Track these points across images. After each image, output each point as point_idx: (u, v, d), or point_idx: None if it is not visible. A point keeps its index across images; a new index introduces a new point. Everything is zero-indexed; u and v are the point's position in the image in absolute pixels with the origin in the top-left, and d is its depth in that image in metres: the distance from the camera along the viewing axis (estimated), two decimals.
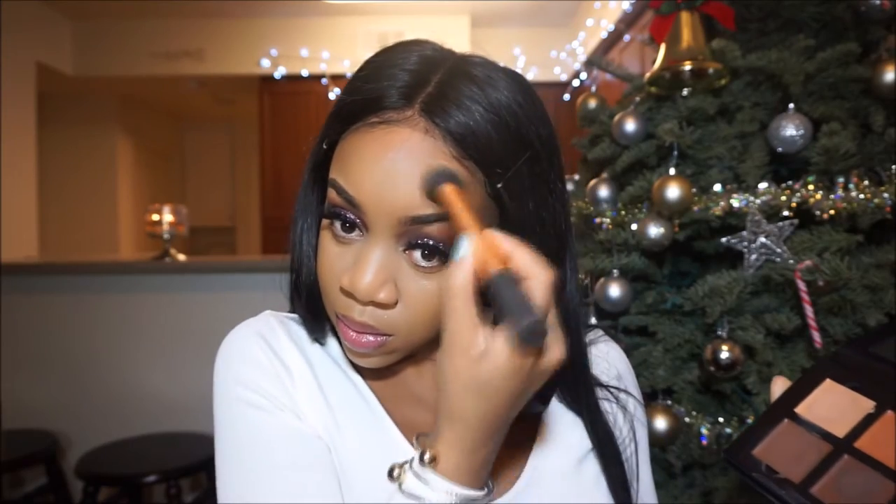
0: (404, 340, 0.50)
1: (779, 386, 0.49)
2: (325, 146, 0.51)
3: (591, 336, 0.65)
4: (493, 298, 0.37)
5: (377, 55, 0.51)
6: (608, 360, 0.64)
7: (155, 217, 2.74)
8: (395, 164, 0.45)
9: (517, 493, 0.54)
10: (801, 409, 0.46)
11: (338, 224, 0.49)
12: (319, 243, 0.51)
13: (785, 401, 0.47)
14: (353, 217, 0.48)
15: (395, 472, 0.44)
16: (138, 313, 2.58)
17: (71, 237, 5.60)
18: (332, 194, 0.48)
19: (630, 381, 0.65)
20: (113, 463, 2.01)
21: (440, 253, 0.46)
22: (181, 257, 2.76)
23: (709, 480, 1.06)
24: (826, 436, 0.44)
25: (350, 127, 0.48)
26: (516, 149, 0.47)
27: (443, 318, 0.40)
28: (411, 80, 0.46)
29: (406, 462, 0.44)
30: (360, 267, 0.47)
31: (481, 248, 0.39)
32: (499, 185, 0.47)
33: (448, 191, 0.43)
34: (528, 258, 0.39)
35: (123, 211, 5.92)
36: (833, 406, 0.45)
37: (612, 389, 0.62)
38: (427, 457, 0.42)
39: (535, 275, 0.38)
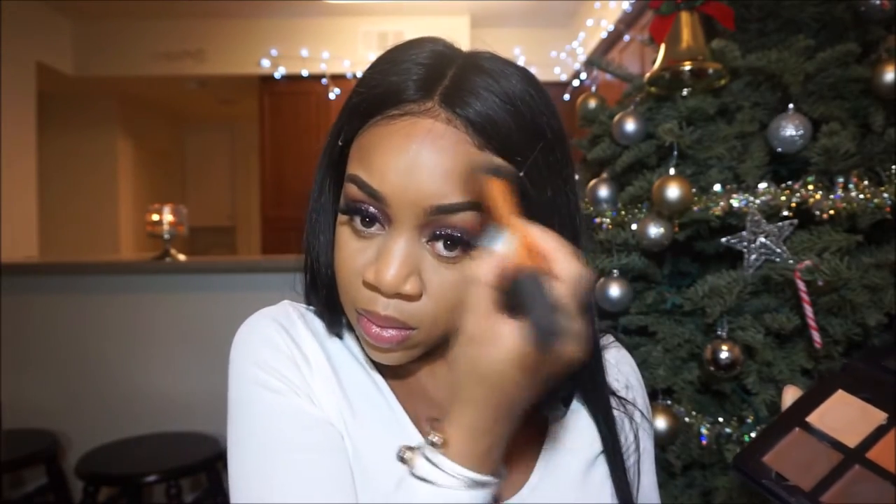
0: (427, 334, 0.50)
1: (790, 394, 0.49)
2: (340, 143, 0.51)
3: (602, 341, 0.65)
4: (518, 295, 0.38)
5: (387, 52, 0.51)
6: (619, 367, 0.64)
7: (155, 217, 2.74)
8: (419, 155, 0.45)
9: (526, 495, 0.55)
10: (812, 419, 0.46)
11: (357, 219, 0.49)
12: (337, 239, 0.51)
13: (796, 409, 0.47)
14: (374, 211, 0.48)
15: (406, 455, 0.44)
16: (138, 313, 2.58)
17: (71, 237, 5.60)
18: (352, 190, 0.48)
19: (639, 393, 0.65)
20: (113, 463, 2.01)
21: (463, 243, 0.47)
22: (181, 257, 2.76)
23: (709, 480, 1.06)
24: (837, 445, 0.44)
25: (368, 122, 0.48)
26: (532, 138, 0.48)
27: (463, 306, 0.41)
28: (427, 74, 0.47)
29: (416, 447, 0.44)
30: (384, 260, 0.47)
31: (519, 244, 0.40)
32: (521, 174, 0.47)
33: (495, 184, 0.43)
34: (565, 257, 0.39)
35: (123, 211, 5.92)
36: (844, 417, 0.45)
37: (620, 398, 0.62)
38: (437, 439, 0.43)
39: (568, 275, 0.39)
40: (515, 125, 0.47)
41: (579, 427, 0.59)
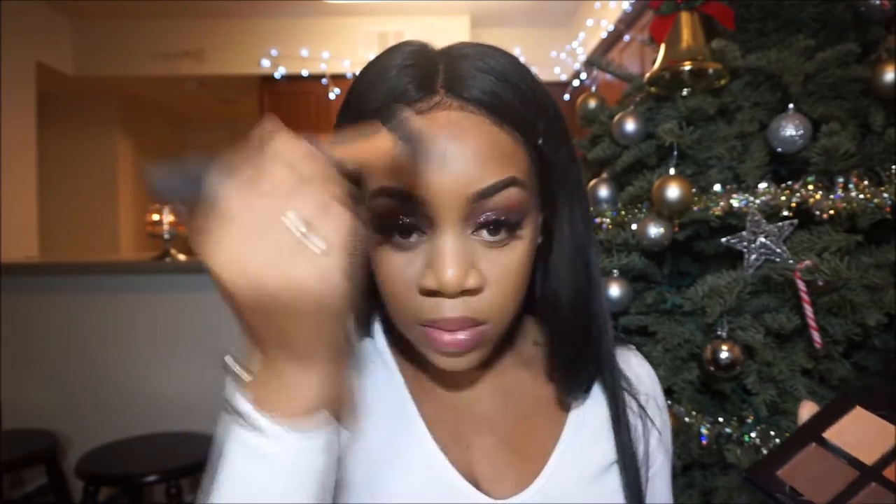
0: (497, 326, 0.49)
1: (806, 410, 0.48)
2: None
3: (625, 348, 0.64)
4: None
5: (366, 68, 0.50)
6: (639, 377, 0.63)
7: (155, 217, 2.74)
8: (447, 148, 0.44)
9: (533, 494, 0.54)
10: (829, 434, 0.45)
11: (395, 234, 0.47)
12: (376, 261, 0.49)
13: (812, 425, 0.46)
14: (410, 220, 0.46)
15: (228, 363, 0.41)
16: (138, 313, 2.58)
17: (71, 237, 5.60)
18: (381, 203, 0.46)
19: (658, 402, 0.63)
20: (113, 463, 2.01)
21: (504, 224, 0.47)
22: (181, 257, 2.76)
23: (709, 480, 1.06)
24: (853, 462, 0.43)
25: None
26: (537, 110, 0.48)
27: None
28: (419, 73, 0.46)
29: (239, 367, 0.41)
30: (440, 260, 0.45)
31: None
32: (539, 142, 0.48)
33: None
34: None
35: (123, 211, 5.92)
36: (862, 433, 0.45)
37: (640, 405, 0.61)
38: (244, 371, 0.40)
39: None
40: (519, 100, 0.47)
41: (593, 431, 0.58)
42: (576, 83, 4.22)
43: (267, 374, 0.38)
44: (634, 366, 0.63)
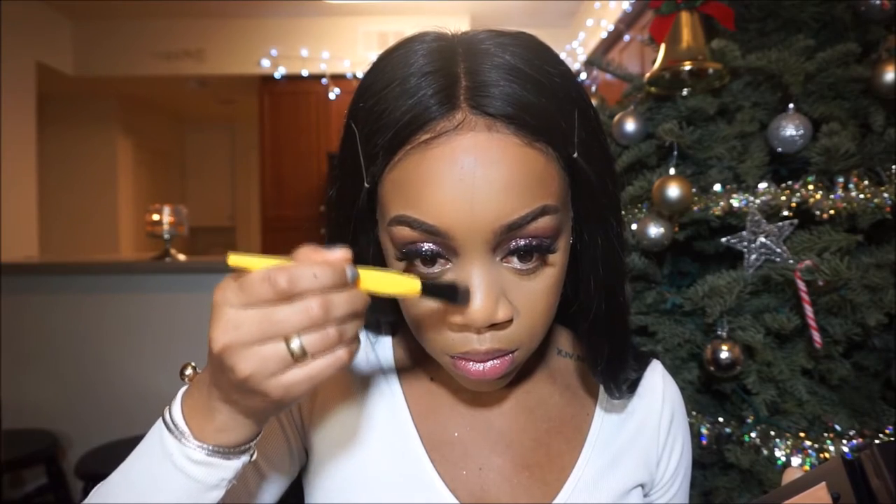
0: (528, 349, 0.47)
1: (787, 476, 0.45)
2: (367, 185, 0.45)
3: (652, 364, 0.62)
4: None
5: (384, 63, 0.45)
6: (665, 395, 0.60)
7: (155, 217, 2.74)
8: (474, 176, 0.41)
9: None
10: None
11: (417, 261, 0.44)
12: None
13: (773, 497, 0.43)
14: (432, 247, 0.43)
15: (187, 373, 0.46)
16: (138, 313, 2.58)
17: (71, 237, 5.60)
18: (402, 232, 0.43)
19: (682, 426, 0.62)
20: (113, 463, 1.98)
21: (535, 249, 0.44)
22: (181, 257, 2.76)
23: (709, 480, 1.06)
24: None
25: (395, 156, 0.43)
26: (569, 108, 0.44)
27: None
28: (440, 82, 0.42)
29: (189, 374, 0.46)
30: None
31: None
32: (575, 156, 0.44)
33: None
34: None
35: (123, 211, 5.92)
36: None
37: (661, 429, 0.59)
38: (189, 372, 0.45)
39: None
40: (549, 102, 0.42)
41: (614, 454, 0.57)
42: None
43: (205, 400, 0.40)
44: (660, 382, 0.61)
